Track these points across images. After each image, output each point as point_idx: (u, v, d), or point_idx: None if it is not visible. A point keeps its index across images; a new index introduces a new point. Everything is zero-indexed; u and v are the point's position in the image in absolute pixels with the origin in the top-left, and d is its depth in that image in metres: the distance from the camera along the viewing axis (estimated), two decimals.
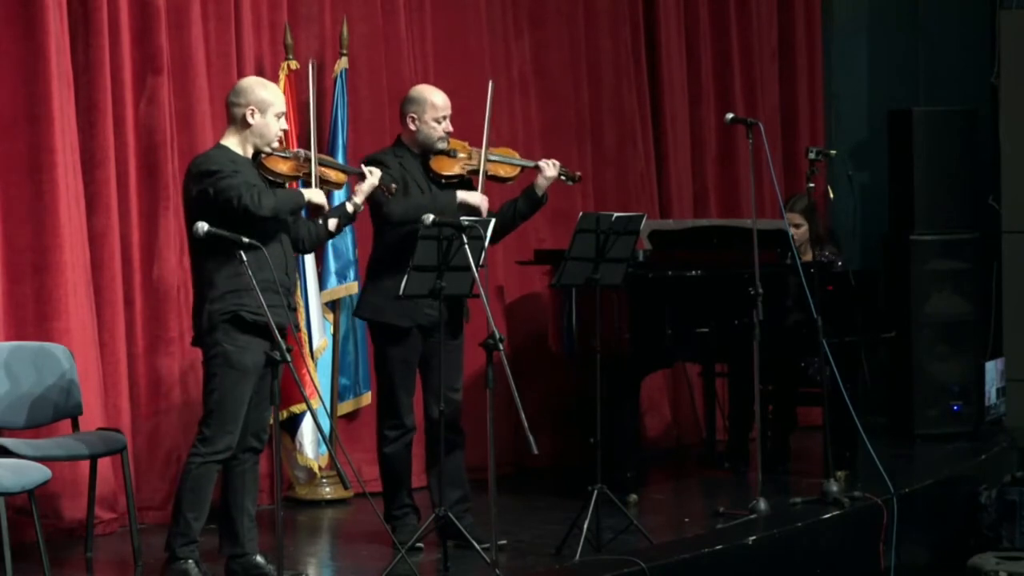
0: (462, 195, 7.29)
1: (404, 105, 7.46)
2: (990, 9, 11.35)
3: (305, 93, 8.76)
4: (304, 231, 6.91)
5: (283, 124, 6.76)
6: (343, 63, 8.66)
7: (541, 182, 7.49)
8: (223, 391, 6.58)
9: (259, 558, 6.73)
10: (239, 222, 6.44)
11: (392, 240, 7.25)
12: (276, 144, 6.75)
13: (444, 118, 7.40)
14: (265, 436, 6.85)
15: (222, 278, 6.57)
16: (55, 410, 7.33)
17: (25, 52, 7.47)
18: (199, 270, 6.69)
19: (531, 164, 7.57)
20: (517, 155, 7.69)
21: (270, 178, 6.73)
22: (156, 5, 7.97)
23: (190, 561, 6.61)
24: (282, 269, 6.62)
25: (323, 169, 6.86)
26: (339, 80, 8.65)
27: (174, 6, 8.07)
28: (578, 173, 7.76)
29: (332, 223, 6.90)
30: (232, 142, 6.73)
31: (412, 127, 7.41)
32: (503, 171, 7.52)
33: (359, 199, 6.94)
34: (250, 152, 6.72)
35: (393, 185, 7.09)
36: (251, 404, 6.67)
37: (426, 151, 7.41)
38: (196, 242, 6.57)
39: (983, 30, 11.45)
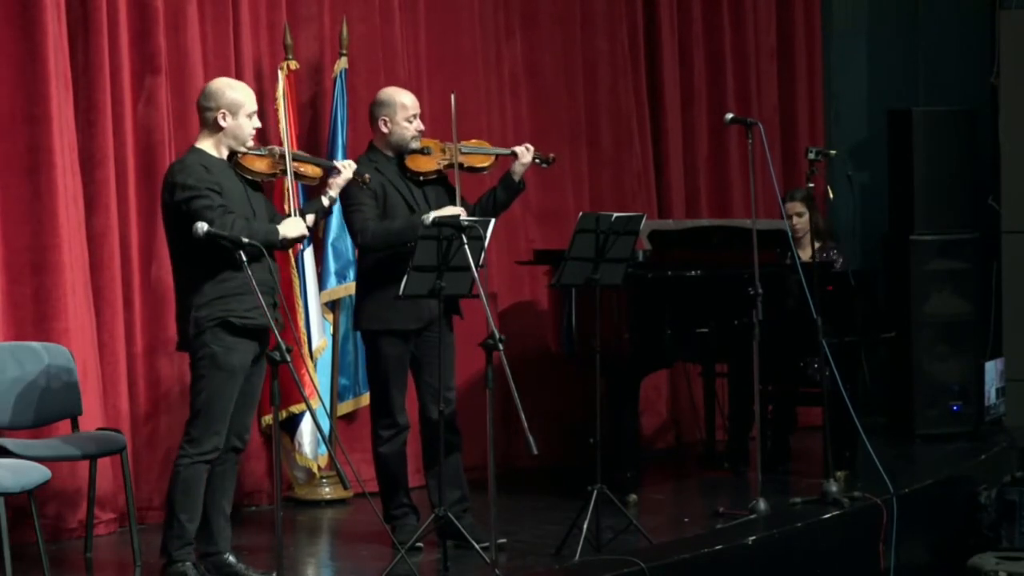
0: (433, 215, 7.24)
1: (374, 109, 7.48)
2: (990, 9, 11.34)
3: (305, 93, 8.79)
4: None
5: (256, 123, 6.74)
6: (343, 63, 8.65)
7: (517, 168, 7.50)
8: (211, 392, 6.57)
9: (230, 556, 6.74)
10: (209, 242, 6.37)
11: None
12: (251, 143, 6.74)
13: (415, 116, 7.44)
14: (248, 436, 6.87)
15: (209, 284, 6.55)
16: (55, 410, 7.33)
17: (24, 52, 7.47)
18: (184, 276, 6.64)
19: (505, 151, 7.59)
20: (488, 144, 7.72)
21: (248, 176, 6.73)
22: (154, 6, 7.97)
23: (188, 563, 6.61)
24: (266, 269, 6.59)
25: (297, 164, 6.86)
26: (339, 80, 8.65)
27: (172, 7, 8.07)
28: (552, 155, 7.74)
29: (309, 219, 6.88)
30: (207, 145, 6.69)
31: (385, 129, 7.43)
32: (479, 161, 7.54)
33: (334, 192, 6.93)
34: (225, 153, 6.70)
35: (367, 175, 7.09)
36: (236, 405, 6.67)
37: (400, 152, 7.44)
38: (180, 248, 6.57)
39: (983, 30, 11.44)
